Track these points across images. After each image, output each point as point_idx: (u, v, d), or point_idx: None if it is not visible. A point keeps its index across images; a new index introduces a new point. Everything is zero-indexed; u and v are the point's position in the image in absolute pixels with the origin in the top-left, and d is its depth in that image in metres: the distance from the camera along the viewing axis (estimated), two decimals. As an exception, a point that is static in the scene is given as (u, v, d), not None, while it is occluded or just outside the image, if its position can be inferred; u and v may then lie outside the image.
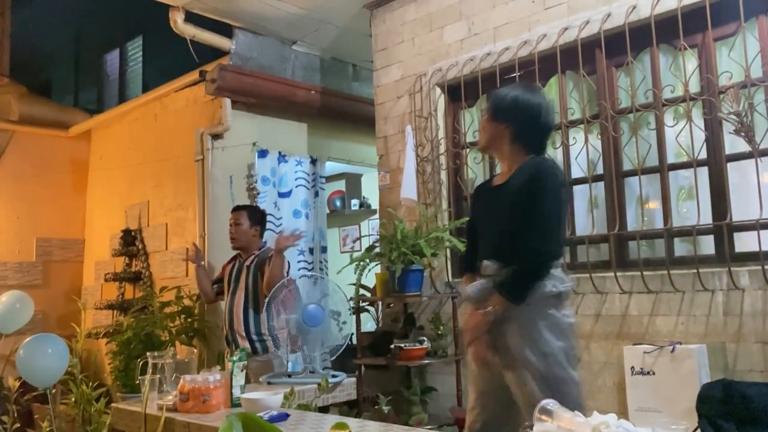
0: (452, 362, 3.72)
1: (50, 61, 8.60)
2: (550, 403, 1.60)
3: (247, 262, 4.00)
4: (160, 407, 2.50)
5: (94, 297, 5.98)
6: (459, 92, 3.92)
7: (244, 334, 3.87)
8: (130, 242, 5.60)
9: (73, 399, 4.03)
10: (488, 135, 2.39)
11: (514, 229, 2.20)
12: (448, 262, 3.88)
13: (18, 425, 3.97)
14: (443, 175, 4.03)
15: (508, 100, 2.34)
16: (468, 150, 3.92)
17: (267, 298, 3.50)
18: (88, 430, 3.82)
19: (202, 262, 4.28)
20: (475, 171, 3.96)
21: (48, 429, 3.64)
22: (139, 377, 2.77)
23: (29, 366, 3.58)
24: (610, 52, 3.35)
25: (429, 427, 2.99)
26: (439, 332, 3.69)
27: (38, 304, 5.52)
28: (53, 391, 3.93)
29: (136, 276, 5.50)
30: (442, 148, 4.02)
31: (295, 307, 3.43)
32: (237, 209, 4.15)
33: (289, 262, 3.86)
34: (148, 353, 2.78)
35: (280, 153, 5.16)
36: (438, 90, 4.08)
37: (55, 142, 6.47)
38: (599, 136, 3.43)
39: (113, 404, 2.92)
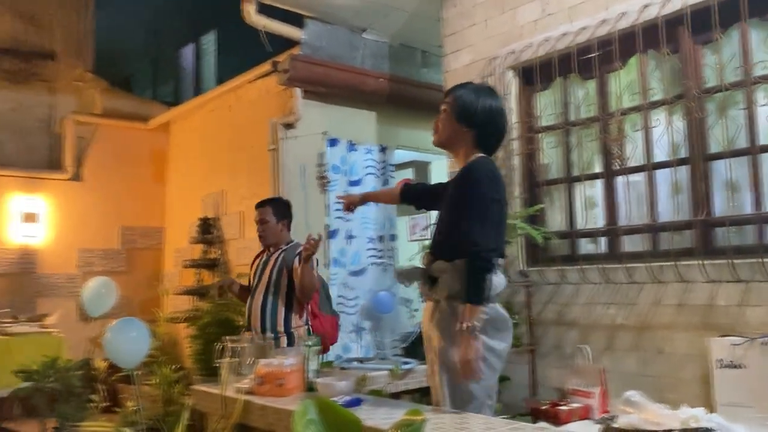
0: (526, 352, 3.65)
1: (130, 57, 8.98)
2: (634, 394, 1.54)
3: (274, 255, 3.71)
4: (238, 390, 2.56)
5: (174, 283, 6.22)
6: (533, 75, 3.81)
7: (260, 331, 3.51)
8: (207, 230, 5.78)
9: (155, 380, 4.20)
10: (449, 133, 2.38)
11: (448, 223, 2.32)
12: (522, 250, 3.80)
13: (106, 404, 4.19)
14: (516, 161, 3.94)
15: (479, 108, 2.32)
16: (542, 135, 3.81)
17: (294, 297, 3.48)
18: (170, 411, 3.97)
19: (234, 281, 3.97)
20: (550, 156, 3.84)
21: (133, 408, 3.82)
22: (217, 360, 2.84)
23: (115, 348, 3.75)
24: (695, 28, 3.17)
25: (503, 416, 2.94)
26: (513, 321, 3.60)
27: (122, 289, 5.80)
28: (137, 372, 4.12)
29: (213, 263, 5.67)
30: (515, 133, 3.93)
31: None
32: (261, 205, 3.78)
33: (317, 259, 3.59)
34: (225, 337, 2.85)
35: (349, 142, 5.19)
36: (510, 73, 3.98)
37: (136, 135, 6.75)
38: (683, 118, 3.26)
39: (193, 386, 3.01)
